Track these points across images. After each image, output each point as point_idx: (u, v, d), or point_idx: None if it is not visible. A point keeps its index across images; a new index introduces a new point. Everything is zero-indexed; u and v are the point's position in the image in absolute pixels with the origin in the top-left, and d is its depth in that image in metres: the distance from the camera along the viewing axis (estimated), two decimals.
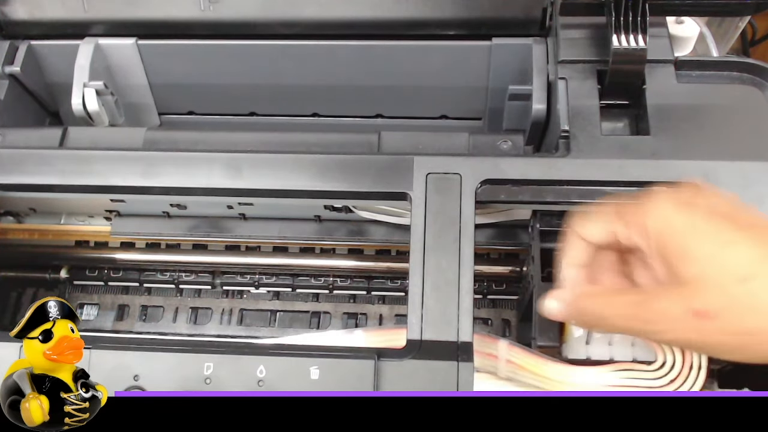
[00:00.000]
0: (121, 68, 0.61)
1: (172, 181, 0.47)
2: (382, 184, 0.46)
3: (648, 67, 0.49)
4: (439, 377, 0.40)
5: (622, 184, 0.44)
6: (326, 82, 0.62)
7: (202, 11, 0.58)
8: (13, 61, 0.59)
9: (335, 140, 0.51)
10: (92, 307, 0.62)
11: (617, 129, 0.50)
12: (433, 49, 0.58)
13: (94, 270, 0.61)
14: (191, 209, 0.56)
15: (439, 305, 0.42)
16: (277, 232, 0.57)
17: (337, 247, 0.58)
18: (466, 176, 0.45)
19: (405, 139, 0.49)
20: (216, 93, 0.64)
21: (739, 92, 0.49)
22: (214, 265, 0.59)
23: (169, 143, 0.52)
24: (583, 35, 0.51)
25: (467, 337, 0.41)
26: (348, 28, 0.58)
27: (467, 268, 0.42)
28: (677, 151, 0.45)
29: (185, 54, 0.61)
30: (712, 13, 0.60)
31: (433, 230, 0.44)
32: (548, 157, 0.47)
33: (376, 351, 0.40)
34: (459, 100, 0.62)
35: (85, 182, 0.48)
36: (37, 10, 0.59)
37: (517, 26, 0.56)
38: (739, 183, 0.44)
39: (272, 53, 0.60)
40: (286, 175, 0.47)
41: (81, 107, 0.57)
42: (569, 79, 0.50)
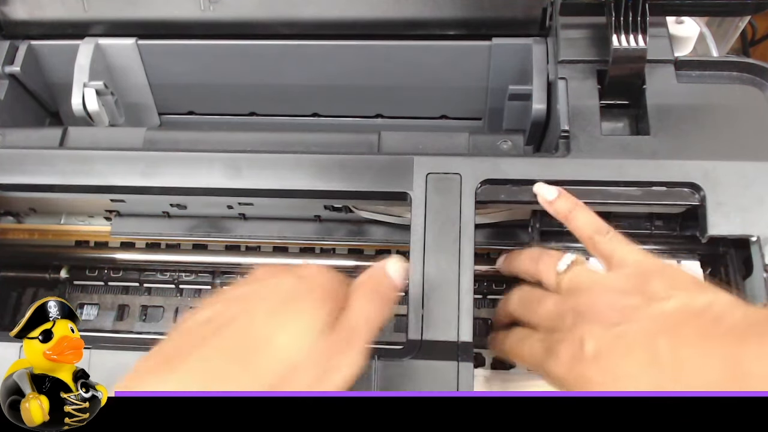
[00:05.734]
0: (121, 68, 0.61)
1: (172, 181, 0.47)
2: (382, 184, 0.46)
3: (648, 67, 0.49)
4: (439, 377, 0.40)
5: (622, 184, 0.45)
6: (326, 82, 0.62)
7: (202, 11, 0.58)
8: (13, 61, 0.59)
9: (335, 140, 0.51)
10: (92, 307, 0.61)
11: (617, 129, 0.50)
12: (433, 49, 0.58)
13: (94, 270, 0.61)
14: (191, 209, 0.56)
15: (439, 305, 0.42)
16: (277, 232, 0.57)
17: (337, 247, 0.58)
18: (466, 176, 0.45)
19: (405, 139, 0.49)
20: (216, 93, 0.64)
21: (739, 92, 0.49)
22: (214, 265, 0.59)
23: (169, 143, 0.52)
24: (583, 35, 0.51)
25: (467, 337, 0.41)
26: (348, 28, 0.58)
27: (467, 268, 0.42)
28: (677, 151, 0.45)
29: (185, 54, 0.61)
30: (712, 13, 0.60)
31: (433, 230, 0.44)
32: (548, 157, 0.47)
33: (375, 351, 0.40)
34: (459, 100, 0.62)
35: (85, 182, 0.48)
36: (37, 10, 0.59)
37: (517, 26, 0.56)
38: (739, 183, 0.44)
39: (272, 53, 0.60)
40: (286, 175, 0.47)
41: (81, 107, 0.57)
42: (569, 79, 0.50)
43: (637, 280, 0.36)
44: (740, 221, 0.43)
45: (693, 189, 0.44)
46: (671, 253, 0.46)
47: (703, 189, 0.44)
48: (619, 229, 0.47)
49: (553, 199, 0.43)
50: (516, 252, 0.44)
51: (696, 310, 0.34)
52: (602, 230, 0.40)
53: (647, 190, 0.44)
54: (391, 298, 0.36)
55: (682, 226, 0.47)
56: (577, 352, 0.34)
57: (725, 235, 0.43)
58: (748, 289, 0.44)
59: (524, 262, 0.42)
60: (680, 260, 0.46)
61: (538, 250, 0.42)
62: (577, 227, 0.41)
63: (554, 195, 0.43)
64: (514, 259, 0.44)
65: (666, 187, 0.44)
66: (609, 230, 0.40)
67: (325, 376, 0.31)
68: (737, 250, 0.45)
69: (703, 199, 0.44)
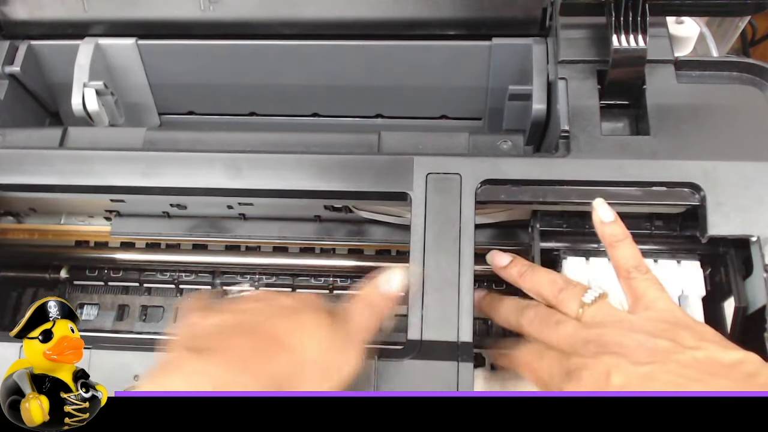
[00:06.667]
0: (121, 68, 0.61)
1: (172, 181, 0.47)
2: (382, 184, 0.46)
3: (648, 67, 0.49)
4: (439, 377, 0.40)
5: (622, 184, 0.45)
6: (326, 82, 0.62)
7: (202, 11, 0.58)
8: (13, 61, 0.59)
9: (335, 140, 0.51)
10: (92, 307, 0.61)
11: (617, 129, 0.50)
12: (433, 49, 0.58)
13: (94, 270, 0.61)
14: (191, 209, 0.56)
15: (439, 305, 0.42)
16: (277, 232, 0.57)
17: (337, 247, 0.58)
18: (466, 176, 0.45)
19: (405, 139, 0.49)
20: (216, 93, 0.64)
21: (739, 92, 0.49)
22: (214, 265, 0.59)
23: (169, 143, 0.52)
24: (583, 35, 0.51)
25: (467, 337, 0.41)
26: (348, 28, 0.58)
27: (467, 268, 0.42)
28: (677, 151, 0.45)
29: (185, 54, 0.61)
30: (712, 13, 0.60)
31: (433, 230, 0.44)
32: (548, 157, 0.47)
33: (376, 351, 0.40)
34: (459, 100, 0.62)
35: (85, 182, 0.48)
36: (37, 10, 0.59)
37: (517, 26, 0.56)
38: (739, 183, 0.44)
39: (272, 53, 0.60)
40: (286, 175, 0.47)
41: (81, 107, 0.57)
42: (569, 79, 0.50)
43: (666, 326, 0.37)
44: (740, 221, 0.43)
45: (693, 189, 0.44)
46: (671, 253, 0.46)
47: (703, 189, 0.44)
48: None
49: (606, 222, 0.42)
50: (527, 266, 0.43)
51: (728, 364, 0.34)
52: (642, 268, 0.40)
53: (647, 190, 0.44)
54: (384, 309, 0.40)
55: (682, 226, 0.47)
56: (602, 382, 0.35)
57: (725, 235, 0.43)
58: (748, 289, 0.43)
59: (543, 285, 0.41)
60: (680, 260, 0.46)
61: (562, 278, 0.41)
62: (618, 257, 0.41)
63: (610, 219, 0.42)
64: (527, 276, 0.43)
65: (666, 187, 0.44)
66: (648, 270, 0.40)
67: (329, 374, 0.35)
68: (737, 250, 0.45)
69: (703, 199, 0.44)
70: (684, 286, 0.45)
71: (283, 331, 0.36)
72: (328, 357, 0.36)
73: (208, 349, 0.34)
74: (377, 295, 0.40)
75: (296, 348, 0.35)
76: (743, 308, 0.43)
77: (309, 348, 0.35)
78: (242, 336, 0.35)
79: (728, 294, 0.44)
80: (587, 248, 0.47)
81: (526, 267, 0.43)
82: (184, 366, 0.33)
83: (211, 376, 0.32)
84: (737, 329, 0.43)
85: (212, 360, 0.33)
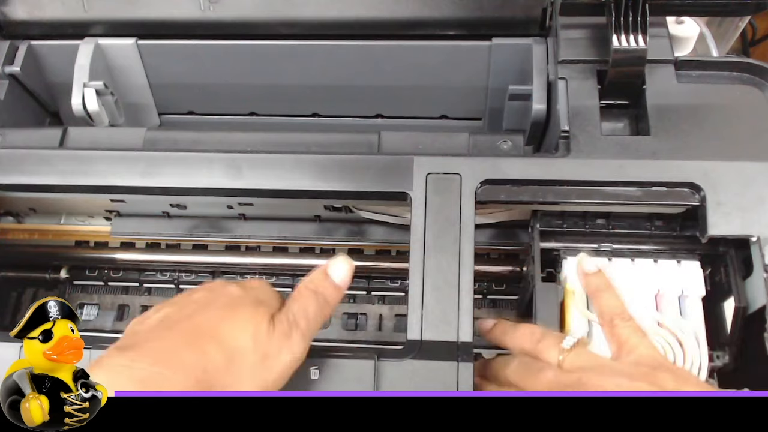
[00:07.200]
0: (121, 68, 0.61)
1: (172, 181, 0.47)
2: (382, 184, 0.46)
3: (648, 67, 0.49)
4: (439, 377, 0.40)
5: (622, 184, 0.45)
6: (326, 82, 0.62)
7: (202, 11, 0.58)
8: (13, 61, 0.59)
9: (335, 140, 0.51)
10: (92, 307, 0.62)
11: (617, 129, 0.50)
12: (433, 49, 0.58)
13: (94, 270, 0.61)
14: (191, 209, 0.56)
15: (439, 305, 0.42)
16: (277, 232, 0.57)
17: (337, 247, 0.58)
18: (466, 176, 0.45)
19: (405, 139, 0.49)
20: (216, 93, 0.64)
21: (739, 92, 0.49)
22: (214, 265, 0.59)
23: (169, 143, 0.52)
24: (583, 35, 0.51)
25: (467, 337, 0.41)
26: (348, 28, 0.58)
27: (467, 268, 0.43)
28: (677, 151, 0.45)
29: (185, 54, 0.61)
30: (712, 13, 0.60)
31: (433, 230, 0.44)
32: (548, 157, 0.47)
33: (376, 351, 0.40)
34: (459, 100, 0.62)
35: (85, 182, 0.48)
36: (37, 10, 0.59)
37: (517, 26, 0.56)
38: (739, 183, 0.44)
39: (272, 53, 0.60)
40: (286, 175, 0.47)
41: (81, 107, 0.57)
42: (569, 79, 0.50)
43: (646, 369, 0.37)
44: (740, 221, 0.43)
45: (693, 189, 0.44)
46: (671, 253, 0.46)
47: (703, 189, 0.44)
48: (619, 229, 0.47)
49: (590, 272, 0.44)
50: (508, 325, 0.44)
51: None
52: (624, 316, 0.42)
53: (647, 191, 0.44)
54: (331, 297, 0.40)
55: (682, 226, 0.47)
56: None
57: (725, 235, 0.43)
58: (748, 289, 0.43)
59: (522, 339, 0.42)
60: (680, 260, 0.46)
61: (539, 329, 0.42)
62: (601, 305, 0.43)
63: (593, 270, 0.44)
64: (509, 334, 0.43)
65: (666, 187, 0.44)
66: (631, 318, 0.41)
67: (267, 361, 0.35)
68: (737, 250, 0.45)
69: (703, 199, 0.44)
70: (684, 286, 0.45)
71: (215, 322, 0.36)
72: (264, 344, 0.36)
73: (135, 345, 0.34)
74: (322, 283, 0.40)
75: (226, 338, 0.35)
76: (743, 308, 0.43)
77: (241, 337, 0.35)
78: (172, 329, 0.35)
79: (728, 294, 0.44)
80: (587, 248, 0.47)
81: (508, 326, 0.44)
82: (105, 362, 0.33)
83: (133, 371, 0.32)
84: (737, 329, 0.43)
85: (136, 355, 0.33)
